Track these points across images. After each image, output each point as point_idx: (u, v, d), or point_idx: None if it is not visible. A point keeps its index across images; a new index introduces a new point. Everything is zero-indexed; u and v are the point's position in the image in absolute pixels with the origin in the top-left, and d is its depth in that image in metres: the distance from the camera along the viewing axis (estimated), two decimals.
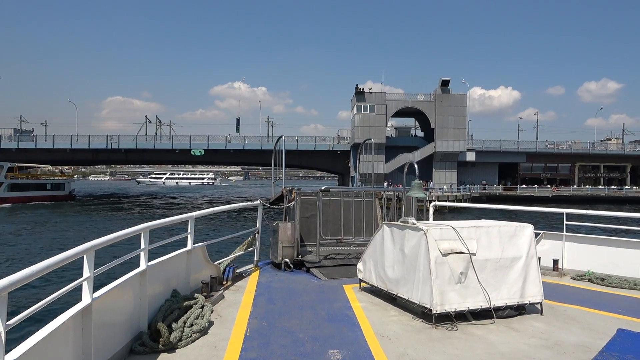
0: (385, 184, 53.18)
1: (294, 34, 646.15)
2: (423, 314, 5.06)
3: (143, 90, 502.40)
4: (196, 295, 5.12)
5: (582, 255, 7.84)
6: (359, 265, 6.39)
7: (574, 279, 7.41)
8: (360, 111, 59.43)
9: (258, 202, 7.73)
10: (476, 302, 5.03)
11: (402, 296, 5.36)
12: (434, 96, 60.15)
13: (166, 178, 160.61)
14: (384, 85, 67.48)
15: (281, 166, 9.83)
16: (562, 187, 64.89)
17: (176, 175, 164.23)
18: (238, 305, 5.48)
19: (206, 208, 6.57)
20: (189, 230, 5.43)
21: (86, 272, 3.23)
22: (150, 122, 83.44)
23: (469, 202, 44.35)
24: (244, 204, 7.80)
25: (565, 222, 7.86)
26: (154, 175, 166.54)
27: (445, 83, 60.23)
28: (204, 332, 4.44)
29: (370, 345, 4.28)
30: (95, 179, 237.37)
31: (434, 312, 4.81)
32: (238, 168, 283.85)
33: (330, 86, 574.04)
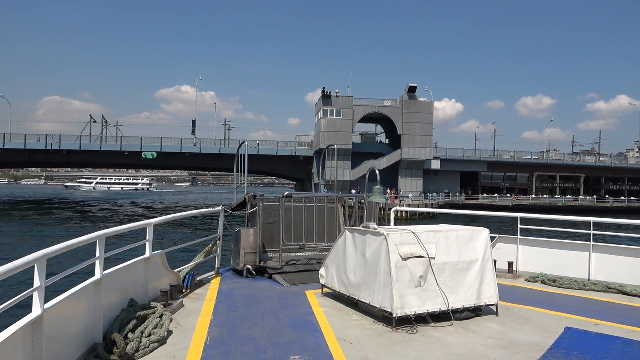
0: (353, 191, 50.81)
1: (244, 37, 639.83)
2: (384, 317, 5.16)
3: (83, 90, 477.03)
4: (154, 304, 5.04)
5: (535, 257, 8.25)
6: (321, 271, 6.47)
7: (528, 281, 7.78)
8: (326, 115, 57.50)
9: (219, 208, 7.70)
10: (435, 305, 5.19)
11: (363, 300, 5.45)
12: (401, 102, 58.88)
13: (97, 182, 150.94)
14: (343, 89, 65.06)
15: (243, 171, 9.79)
16: (521, 196, 67.43)
17: (108, 180, 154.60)
18: (198, 314, 5.44)
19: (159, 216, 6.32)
20: (147, 237, 5.37)
21: (37, 282, 3.16)
22: (95, 121, 77.29)
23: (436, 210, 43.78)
24: (205, 210, 7.78)
25: (519, 226, 8.25)
26: (83, 180, 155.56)
27: (412, 89, 59.52)
28: (162, 341, 4.35)
29: (332, 350, 4.35)
30: (29, 183, 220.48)
31: (394, 315, 4.93)
32: (185, 173, 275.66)
33: (280, 93, 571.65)
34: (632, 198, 69.29)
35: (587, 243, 7.75)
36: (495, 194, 66.43)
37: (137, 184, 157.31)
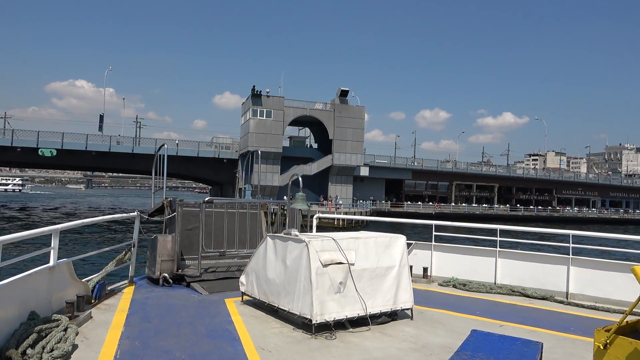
0: (285, 197, 47.65)
1: (146, 34, 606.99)
2: (304, 324, 5.24)
3: None
4: (58, 316, 4.79)
5: (447, 263, 8.67)
6: (242, 278, 6.46)
7: (441, 285, 8.23)
8: (256, 116, 54.11)
9: (135, 213, 7.46)
10: (354, 311, 5.34)
11: (283, 308, 5.50)
12: (332, 106, 57.09)
13: None
14: (276, 89, 61.73)
15: (162, 174, 9.46)
16: (443, 204, 70.89)
17: None
18: (108, 326, 5.21)
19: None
20: (52, 245, 5.11)
21: None
22: None
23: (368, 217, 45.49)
24: (119, 215, 7.57)
25: (433, 233, 8.73)
26: None
27: (344, 93, 58.59)
28: (66, 356, 4.14)
29: (250, 359, 4.36)
30: None
31: (313, 322, 5.01)
32: (79, 174, 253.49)
33: (186, 93, 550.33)
34: (540, 207, 74.19)
35: (494, 249, 8.31)
36: (419, 202, 69.08)
37: (7, 184, 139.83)
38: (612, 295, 7.14)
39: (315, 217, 9.82)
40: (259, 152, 12.01)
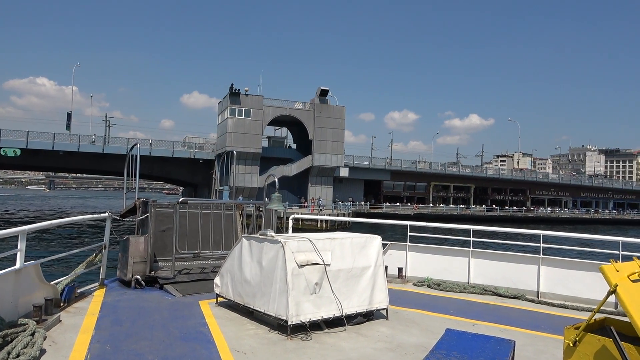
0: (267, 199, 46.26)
1: (109, 33, 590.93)
2: (279, 326, 5.23)
3: None
4: (25, 320, 4.66)
5: (422, 263, 8.80)
6: (216, 280, 6.39)
7: (416, 285, 8.34)
8: (234, 115, 52.45)
9: (106, 214, 7.26)
10: (330, 311, 5.37)
11: (258, 309, 5.49)
12: (312, 106, 56.06)
13: None
14: (257, 88, 59.99)
15: (134, 175, 9.36)
16: (421, 205, 71.21)
17: None
18: (78, 329, 5.11)
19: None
20: (19, 247, 4.97)
21: None
22: None
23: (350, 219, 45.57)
24: (90, 216, 7.44)
25: (409, 234, 8.88)
26: None
27: (323, 93, 57.86)
28: None
29: None
30: None
31: (289, 323, 5.01)
32: (40, 175, 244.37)
33: (153, 93, 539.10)
34: (515, 208, 75.19)
35: (467, 249, 8.44)
36: (398, 203, 69.12)
37: None
38: (581, 293, 7.30)
39: (291, 217, 9.86)
40: (234, 152, 11.73)
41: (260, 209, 8.74)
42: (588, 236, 8.42)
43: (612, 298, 3.19)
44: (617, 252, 7.16)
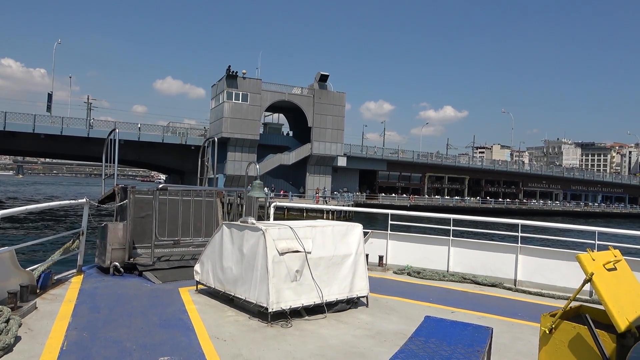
0: (267, 189, 43.76)
1: (81, 15, 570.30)
2: (260, 313, 5.26)
3: None
4: (0, 307, 4.62)
5: (402, 251, 8.90)
6: (197, 267, 6.38)
7: (396, 273, 8.45)
8: (231, 99, 49.54)
9: (84, 200, 7.16)
10: (310, 299, 5.40)
11: (239, 296, 5.53)
12: (312, 91, 53.69)
13: None
14: (255, 71, 57.00)
15: (113, 161, 9.04)
16: (417, 196, 70.04)
17: None
18: (54, 317, 5.06)
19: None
20: None
21: None
22: None
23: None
24: (67, 202, 7.20)
25: (389, 222, 8.93)
26: None
27: (323, 78, 55.75)
28: (8, 349, 4.02)
29: (204, 349, 4.27)
30: None
31: (270, 310, 5.05)
32: (8, 160, 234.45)
33: (124, 76, 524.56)
34: (508, 200, 74.73)
35: (447, 238, 8.63)
36: (393, 194, 68.13)
37: None
38: (557, 282, 7.47)
39: (272, 205, 9.88)
40: (216, 139, 11.24)
41: (242, 196, 8.72)
42: (566, 226, 8.64)
43: (587, 287, 3.32)
44: (594, 241, 7.31)
